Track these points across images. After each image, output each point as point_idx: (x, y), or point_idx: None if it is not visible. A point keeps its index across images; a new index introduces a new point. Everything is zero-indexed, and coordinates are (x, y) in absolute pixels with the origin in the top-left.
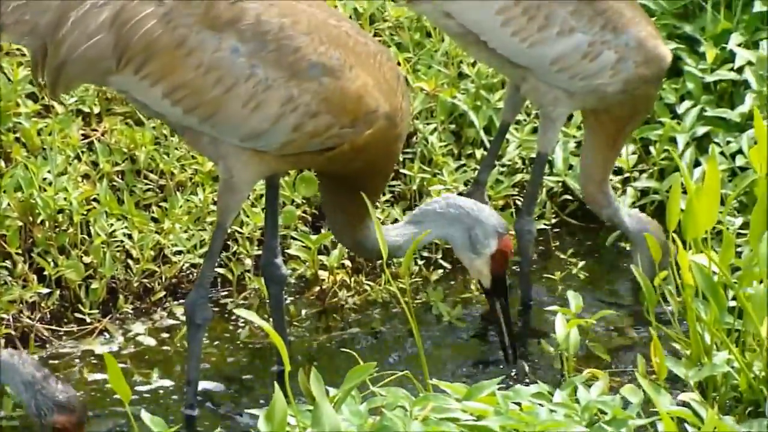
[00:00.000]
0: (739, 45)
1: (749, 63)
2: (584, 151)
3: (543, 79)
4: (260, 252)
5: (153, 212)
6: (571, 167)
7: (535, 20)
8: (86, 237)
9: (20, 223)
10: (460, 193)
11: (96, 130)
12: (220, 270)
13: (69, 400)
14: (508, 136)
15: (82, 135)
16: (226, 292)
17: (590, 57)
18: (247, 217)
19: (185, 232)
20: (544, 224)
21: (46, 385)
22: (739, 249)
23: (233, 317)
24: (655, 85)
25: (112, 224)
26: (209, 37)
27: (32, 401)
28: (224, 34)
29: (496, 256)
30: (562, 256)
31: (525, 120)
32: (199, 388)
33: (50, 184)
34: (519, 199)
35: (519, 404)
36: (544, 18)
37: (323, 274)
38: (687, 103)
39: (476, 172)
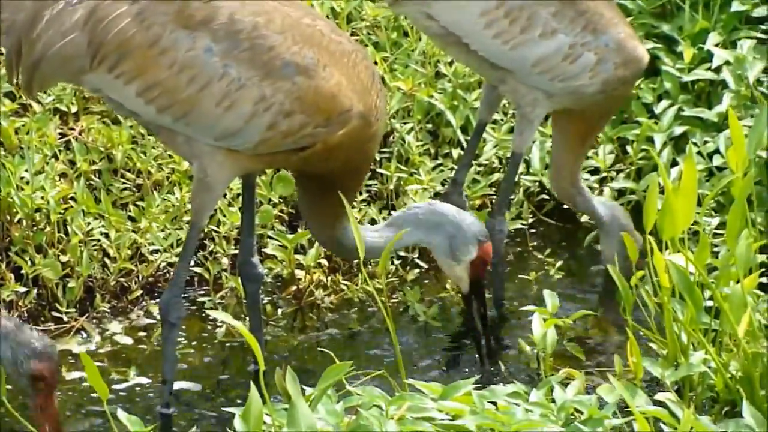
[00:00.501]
0: (717, 45)
1: (727, 63)
2: (555, 150)
3: (523, 80)
4: (237, 251)
5: (130, 211)
6: (547, 167)
7: (517, 22)
8: (63, 236)
9: None
10: (437, 194)
11: (73, 129)
12: (197, 269)
13: (45, 347)
14: (485, 135)
15: (60, 134)
16: (203, 292)
17: (571, 59)
18: (224, 216)
19: (162, 231)
20: (521, 224)
21: (21, 334)
22: (716, 249)
23: (210, 316)
24: (632, 85)
25: (89, 223)
26: (183, 36)
27: (8, 351)
28: (198, 33)
29: (475, 263)
30: (539, 256)
31: (502, 120)
32: (175, 387)
33: (27, 182)
34: (496, 199)
35: (495, 404)
36: (527, 20)
37: (300, 273)
38: (664, 103)
39: (453, 171)
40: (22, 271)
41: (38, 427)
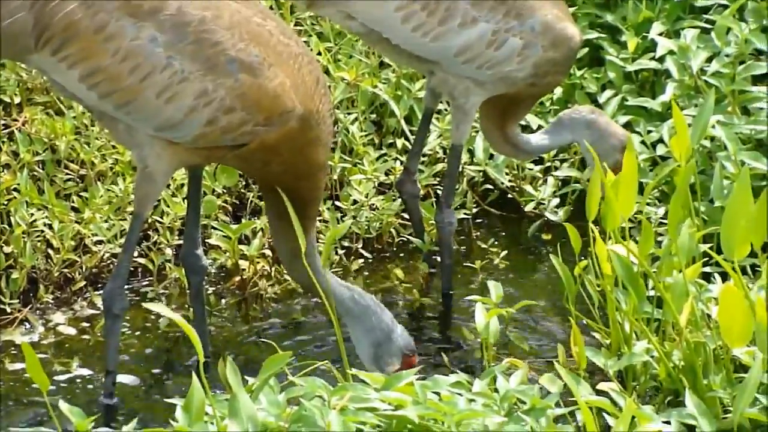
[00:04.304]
0: (661, 34)
1: (671, 52)
2: (480, 119)
3: (451, 71)
4: (181, 242)
5: (73, 202)
6: (491, 156)
7: (435, 14)
8: (6, 227)
9: None
10: (380, 183)
11: (16, 120)
12: (141, 260)
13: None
14: (429, 125)
15: (3, 125)
16: (146, 282)
17: (495, 46)
18: (168, 206)
19: (106, 221)
20: (465, 214)
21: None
22: (660, 239)
23: None
24: (565, 68)
25: (32, 214)
26: (129, 25)
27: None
28: (144, 22)
29: None
30: (483, 246)
31: (446, 109)
32: (118, 378)
33: None
34: (440, 189)
35: (438, 394)
36: (445, 11)
37: (244, 263)
38: (608, 93)
39: (398, 162)
40: None
41: None
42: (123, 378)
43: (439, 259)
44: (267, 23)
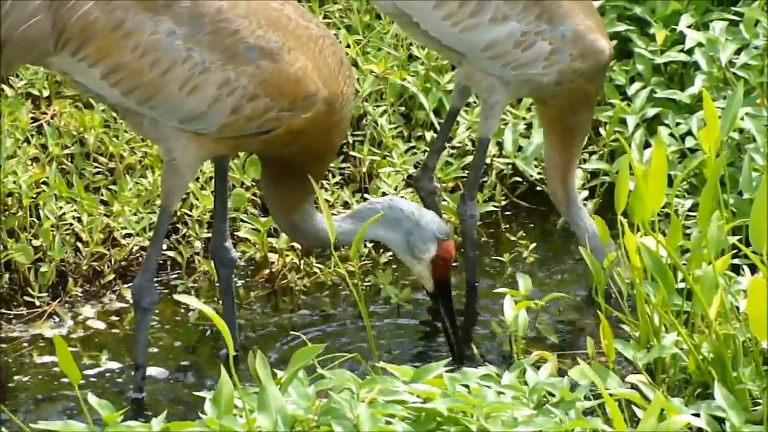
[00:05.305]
0: (689, 26)
1: (699, 44)
2: (543, 146)
3: (476, 65)
4: (210, 235)
5: (102, 195)
6: (520, 149)
7: (467, 5)
8: (35, 220)
9: None
10: (409, 176)
11: (45, 113)
12: (170, 253)
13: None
14: (458, 118)
15: (32, 118)
16: (175, 275)
17: (523, 46)
18: (197, 199)
19: (134, 214)
20: (494, 206)
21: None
22: (688, 231)
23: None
24: (595, 79)
25: (61, 207)
26: (146, 20)
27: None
28: (161, 16)
29: (436, 262)
30: (512, 238)
31: (475, 102)
32: (147, 371)
33: None
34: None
35: (467, 386)
36: (477, 3)
37: (273, 256)
38: (637, 85)
39: (425, 155)
40: None
41: None
42: (152, 371)
43: (462, 250)
44: (284, 8)
